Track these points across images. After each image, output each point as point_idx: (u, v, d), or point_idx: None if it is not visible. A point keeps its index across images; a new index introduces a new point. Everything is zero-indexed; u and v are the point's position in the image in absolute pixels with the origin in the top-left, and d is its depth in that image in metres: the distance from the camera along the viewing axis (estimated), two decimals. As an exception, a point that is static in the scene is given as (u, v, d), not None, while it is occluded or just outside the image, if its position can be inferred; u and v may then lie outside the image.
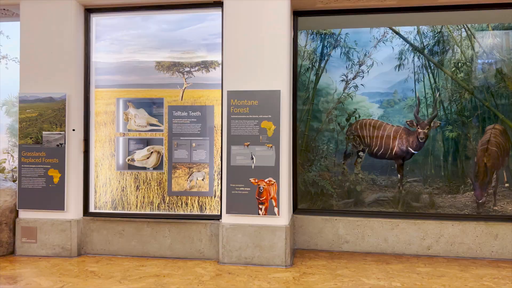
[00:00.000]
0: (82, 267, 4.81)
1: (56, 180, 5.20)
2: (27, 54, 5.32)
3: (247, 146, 4.92)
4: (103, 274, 4.57)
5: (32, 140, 5.26)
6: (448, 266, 4.94)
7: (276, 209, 4.85)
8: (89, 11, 5.43)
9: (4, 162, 8.10)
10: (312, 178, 5.74)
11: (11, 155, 8.51)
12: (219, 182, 5.25)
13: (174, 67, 5.38)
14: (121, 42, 5.47)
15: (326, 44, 5.75)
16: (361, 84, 5.65)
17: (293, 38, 5.52)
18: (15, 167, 7.83)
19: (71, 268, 4.78)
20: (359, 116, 5.68)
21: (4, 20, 6.15)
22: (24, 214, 5.29)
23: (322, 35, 5.75)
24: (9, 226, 5.26)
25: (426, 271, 4.75)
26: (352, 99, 5.70)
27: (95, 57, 5.50)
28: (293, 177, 5.63)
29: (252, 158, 4.91)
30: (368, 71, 5.64)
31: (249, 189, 4.89)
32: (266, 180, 4.87)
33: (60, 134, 5.22)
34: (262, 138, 4.89)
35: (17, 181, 5.62)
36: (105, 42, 5.50)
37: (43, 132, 5.24)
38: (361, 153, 5.70)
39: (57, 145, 5.22)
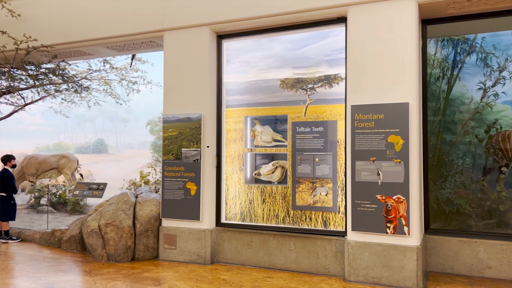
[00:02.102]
0: (215, 275, 5.50)
1: (193, 192, 6.08)
2: (169, 79, 6.36)
3: (373, 161, 5.10)
4: (234, 283, 5.17)
5: (173, 156, 6.25)
6: None
7: (406, 228, 4.91)
8: (221, 37, 6.27)
9: (149, 175, 9.58)
10: (446, 196, 5.64)
11: (154, 169, 10.00)
12: (343, 197, 5.51)
13: (297, 84, 5.87)
14: (249, 63, 6.18)
15: (459, 50, 5.65)
16: (503, 92, 5.41)
17: (422, 47, 5.57)
18: (158, 180, 9.21)
19: (206, 275, 5.50)
20: (501, 128, 5.42)
21: (150, 50, 7.42)
22: (166, 223, 6.28)
23: (454, 42, 5.67)
24: (154, 233, 6.29)
25: None
26: (491, 108, 5.47)
27: (225, 79, 6.31)
28: (424, 194, 5.60)
29: (379, 174, 5.07)
30: (510, 78, 5.38)
31: (375, 206, 5.06)
32: (394, 197, 4.98)
33: (197, 150, 6.10)
34: (389, 153, 5.03)
35: (159, 192, 6.69)
36: (235, 64, 6.28)
37: (182, 149, 6.19)
38: (504, 169, 5.41)
39: (194, 161, 6.10)
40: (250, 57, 6.15)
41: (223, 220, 6.15)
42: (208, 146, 6.08)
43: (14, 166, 7.91)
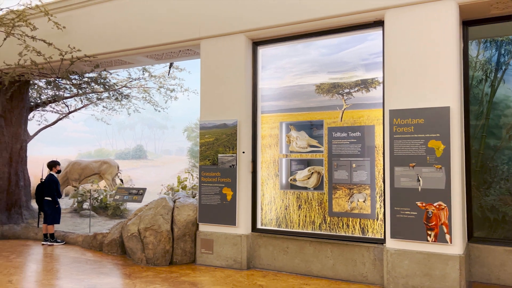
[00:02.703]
0: (251, 280, 5.52)
1: (229, 197, 6.14)
2: (205, 86, 6.45)
3: (413, 167, 4.98)
4: (270, 288, 5.18)
5: (210, 162, 6.34)
6: None
7: (447, 236, 4.75)
8: (256, 44, 6.33)
9: (186, 181, 9.77)
10: (490, 203, 5.41)
11: (191, 174, 10.19)
12: (382, 204, 5.40)
13: (333, 89, 5.83)
14: (284, 69, 6.20)
15: (503, 52, 5.43)
16: (552, 95, 5.16)
17: (463, 50, 5.41)
18: (195, 185, 9.37)
19: (242, 280, 5.53)
20: (551, 132, 5.16)
21: (187, 58, 7.60)
22: (203, 227, 6.37)
23: (498, 43, 5.46)
24: (191, 238, 6.39)
25: None
26: (540, 112, 5.23)
27: (261, 85, 6.35)
28: (467, 201, 5.40)
29: (419, 180, 4.94)
30: (561, 79, 5.12)
31: (415, 213, 4.93)
32: (435, 204, 4.84)
33: (232, 156, 6.16)
34: (429, 159, 4.90)
35: (196, 197, 6.80)
36: (270, 70, 6.31)
37: (219, 155, 6.27)
38: (555, 175, 5.15)
39: (230, 166, 6.17)
40: (285, 63, 6.17)
41: (258, 226, 6.17)
42: (243, 152, 6.13)
43: (59, 171, 8.25)
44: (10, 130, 8.87)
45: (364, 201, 5.52)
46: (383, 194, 5.34)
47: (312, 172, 5.89)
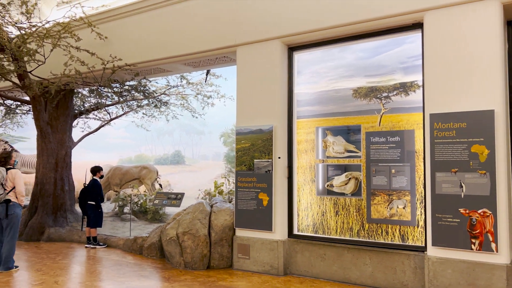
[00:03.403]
0: (288, 287, 5.49)
1: (265, 203, 6.15)
2: (241, 92, 6.54)
3: (455, 172, 4.82)
4: (307, 295, 5.14)
5: (246, 167, 6.39)
6: None
7: (493, 245, 4.55)
8: (291, 49, 6.34)
9: (222, 186, 9.88)
10: (540, 211, 5.14)
11: (227, 180, 10.31)
12: (423, 211, 5.25)
13: (371, 93, 5.74)
14: (319, 74, 6.17)
15: (553, 51, 5.17)
16: None
17: (508, 50, 5.19)
18: (231, 190, 9.47)
19: (279, 286, 5.50)
20: None
21: (224, 65, 7.71)
22: (239, 232, 6.41)
23: (548, 42, 5.20)
24: (228, 242, 6.45)
25: None
26: None
27: (296, 90, 6.34)
28: (514, 208, 5.17)
29: (461, 186, 4.77)
30: None
31: (458, 220, 4.76)
32: (479, 211, 4.65)
33: (268, 161, 6.18)
34: (472, 164, 4.72)
35: (233, 202, 6.86)
36: (305, 76, 6.30)
37: (255, 160, 6.30)
38: None
39: (266, 171, 6.19)
40: (320, 68, 6.14)
41: (295, 232, 6.14)
42: (279, 157, 6.14)
43: (101, 176, 8.55)
44: (56, 137, 9.29)
45: (404, 208, 5.38)
46: (423, 201, 5.19)
47: (350, 178, 5.81)
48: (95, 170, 8.41)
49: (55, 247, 8.02)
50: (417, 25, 5.33)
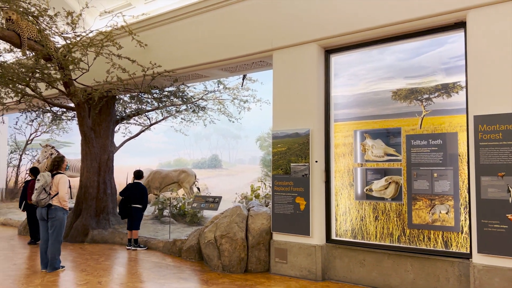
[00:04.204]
0: (326, 292, 5.43)
1: (302, 207, 6.11)
2: (278, 96, 6.55)
3: (502, 176, 4.61)
4: (346, 301, 5.06)
5: (282, 171, 6.37)
6: None
7: (545, 253, 4.32)
8: (328, 52, 6.29)
9: (259, 189, 9.91)
10: None
11: (264, 183, 10.33)
12: (467, 216, 5.04)
13: (411, 95, 5.59)
14: (357, 76, 6.08)
15: None
16: None
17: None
18: (267, 194, 9.48)
19: (317, 291, 5.46)
20: None
21: (260, 70, 7.75)
22: (276, 237, 6.39)
23: None
24: (265, 246, 6.45)
25: None
26: None
27: (333, 93, 6.28)
28: None
29: (509, 191, 4.55)
30: None
31: (506, 226, 4.53)
32: (529, 217, 4.43)
33: (305, 165, 6.14)
34: (521, 168, 4.50)
35: (269, 206, 6.85)
36: (343, 78, 6.22)
37: (291, 164, 6.28)
38: None
39: (303, 175, 6.15)
40: (358, 70, 6.05)
41: (333, 237, 6.06)
42: (316, 161, 6.09)
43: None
44: (99, 142, 9.63)
45: (447, 213, 5.20)
46: (468, 206, 5.00)
47: (390, 182, 5.68)
48: (141, 174, 8.61)
49: (98, 248, 8.30)
50: (460, 24, 5.16)
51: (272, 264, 6.33)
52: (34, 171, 9.08)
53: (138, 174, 8.58)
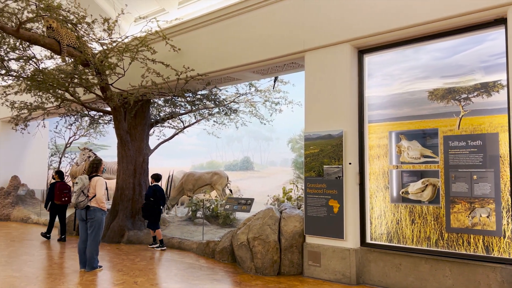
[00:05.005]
0: (361, 296, 5.33)
1: (335, 210, 6.03)
2: (310, 97, 6.50)
3: (548, 179, 4.40)
4: (382, 306, 4.94)
5: (315, 173, 6.31)
6: None
7: None
8: (362, 52, 6.19)
9: (291, 192, 9.87)
10: None
11: (296, 186, 10.27)
12: (510, 220, 4.83)
13: (448, 94, 5.42)
14: (392, 76, 5.95)
15: None
16: None
17: None
18: (299, 196, 9.42)
19: (351, 295, 5.37)
20: None
21: (291, 71, 7.73)
22: (310, 239, 6.33)
23: None
24: (298, 249, 6.40)
25: None
26: None
27: (367, 94, 6.17)
28: None
29: (556, 194, 4.34)
30: None
31: (553, 231, 4.33)
32: None
33: (338, 167, 6.06)
34: None
35: (302, 209, 6.80)
36: (377, 78, 6.11)
37: (324, 166, 6.21)
38: None
39: (336, 178, 6.07)
40: (393, 70, 5.93)
41: (368, 240, 5.94)
42: (350, 163, 6.00)
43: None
44: (135, 145, 9.86)
45: (488, 217, 5.00)
46: (510, 209, 4.79)
47: (427, 185, 5.52)
48: (161, 177, 8.84)
49: (134, 249, 8.49)
50: (500, 21, 4.96)
51: (305, 267, 6.28)
52: (59, 174, 9.92)
53: (158, 177, 8.84)
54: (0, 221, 13.60)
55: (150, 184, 8.87)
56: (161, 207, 8.64)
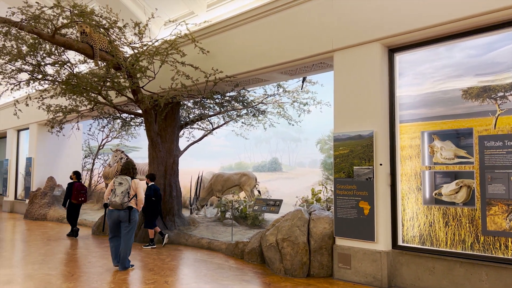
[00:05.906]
0: (393, 299, 5.21)
1: (366, 211, 5.93)
2: (339, 98, 6.42)
3: None
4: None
5: (345, 174, 6.23)
6: None
7: None
8: (392, 51, 6.07)
9: (320, 193, 9.79)
10: None
11: (325, 187, 10.18)
12: (551, 224, 4.63)
13: (484, 93, 5.24)
14: (424, 75, 5.80)
15: None
16: None
17: None
18: (329, 198, 9.33)
19: (383, 299, 5.25)
20: None
21: (320, 72, 7.66)
22: (339, 241, 6.26)
23: None
24: (328, 251, 6.33)
25: None
26: None
27: (398, 93, 6.04)
28: None
29: None
30: None
31: None
32: None
33: (369, 168, 5.96)
34: None
35: (331, 210, 6.72)
36: (408, 77, 5.97)
37: (354, 167, 6.12)
38: None
39: (366, 179, 5.97)
40: (425, 68, 5.78)
41: (400, 243, 5.81)
42: (381, 164, 5.88)
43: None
44: (165, 146, 10.01)
45: (527, 220, 4.80)
46: (552, 212, 4.58)
47: (461, 186, 5.35)
48: (155, 177, 9.11)
49: (165, 249, 8.61)
50: (539, 15, 4.75)
51: (335, 269, 6.20)
52: (77, 174, 10.65)
53: (153, 177, 9.02)
54: (37, 220, 14.10)
55: (147, 184, 9.00)
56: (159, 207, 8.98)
